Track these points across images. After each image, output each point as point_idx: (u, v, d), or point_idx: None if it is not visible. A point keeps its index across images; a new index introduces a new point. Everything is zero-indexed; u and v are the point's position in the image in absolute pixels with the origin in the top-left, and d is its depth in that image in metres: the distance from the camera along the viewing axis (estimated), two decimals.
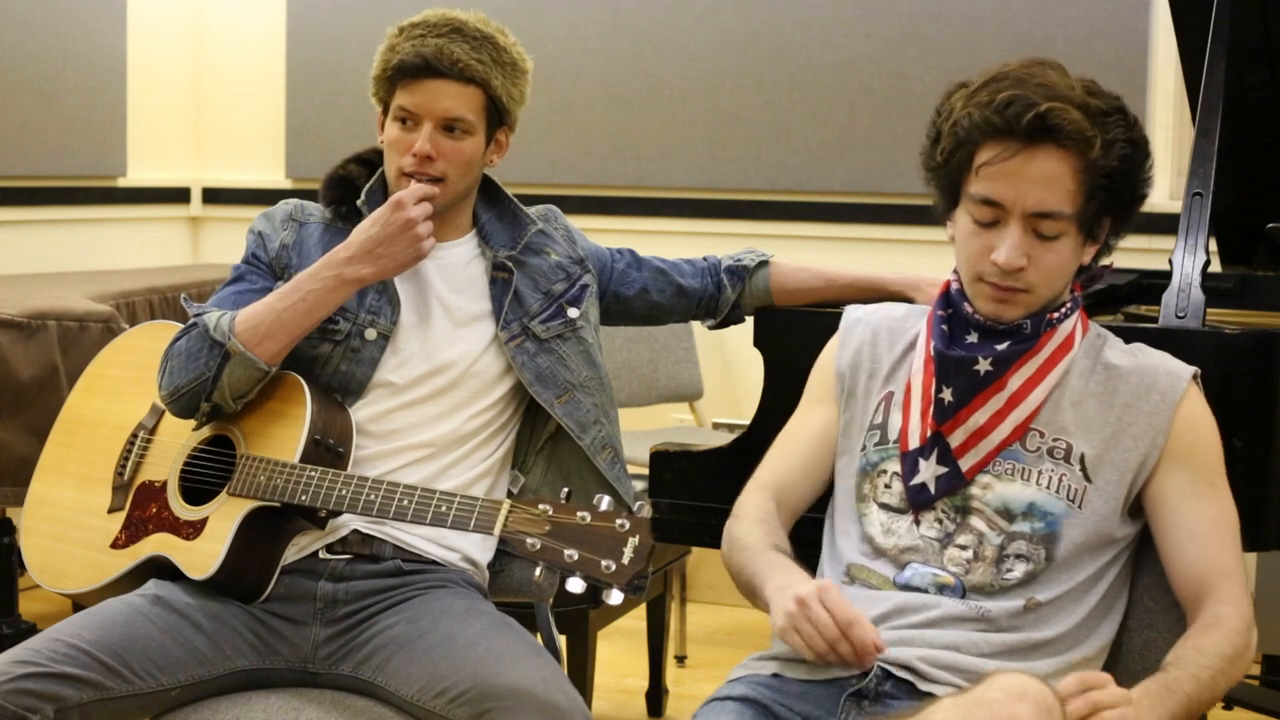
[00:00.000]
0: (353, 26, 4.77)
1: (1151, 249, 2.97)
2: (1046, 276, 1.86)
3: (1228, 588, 1.83)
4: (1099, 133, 1.81)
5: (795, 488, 2.04)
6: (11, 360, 3.18)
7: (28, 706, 1.92)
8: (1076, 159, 1.81)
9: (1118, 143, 1.82)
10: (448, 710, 1.97)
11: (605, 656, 3.52)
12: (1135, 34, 4.07)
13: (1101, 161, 1.81)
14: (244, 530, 2.11)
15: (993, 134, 1.82)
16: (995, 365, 1.89)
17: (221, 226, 5.05)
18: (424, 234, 2.14)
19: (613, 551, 1.87)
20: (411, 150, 2.19)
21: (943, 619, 1.85)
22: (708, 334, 2.67)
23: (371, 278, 2.15)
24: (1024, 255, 1.84)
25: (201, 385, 2.15)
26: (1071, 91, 1.82)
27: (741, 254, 2.50)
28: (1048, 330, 1.90)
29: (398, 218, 2.12)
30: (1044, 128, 1.80)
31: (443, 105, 2.19)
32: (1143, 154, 1.87)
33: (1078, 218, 1.84)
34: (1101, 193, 1.83)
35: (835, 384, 2.05)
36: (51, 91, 4.43)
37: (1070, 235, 1.85)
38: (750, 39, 4.44)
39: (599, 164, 4.62)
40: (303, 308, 2.13)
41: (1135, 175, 1.87)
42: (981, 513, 1.88)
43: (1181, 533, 1.87)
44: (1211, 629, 1.81)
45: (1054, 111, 1.79)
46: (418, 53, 2.19)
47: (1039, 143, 1.81)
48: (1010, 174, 1.82)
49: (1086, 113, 1.81)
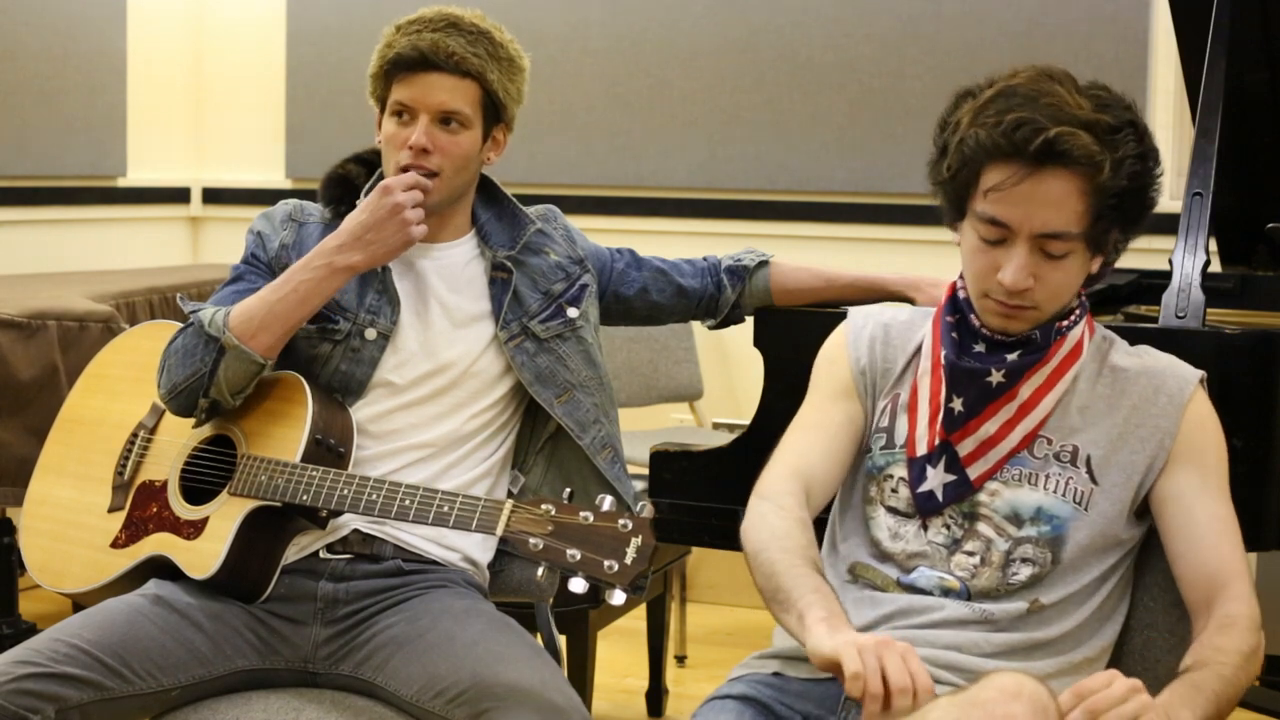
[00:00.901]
0: (353, 26, 4.77)
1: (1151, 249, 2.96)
2: (1053, 294, 1.85)
3: (1239, 585, 1.82)
4: (1108, 154, 1.77)
5: (822, 478, 1.96)
6: (11, 360, 3.18)
7: (28, 707, 1.91)
8: (1085, 181, 1.78)
9: (1128, 159, 1.79)
10: (447, 710, 1.97)
11: (605, 656, 3.52)
12: (1135, 34, 4.07)
13: (1111, 183, 1.78)
14: (245, 530, 2.11)
15: (1000, 156, 1.79)
16: (1007, 376, 1.88)
17: (221, 226, 5.05)
18: (412, 219, 2.13)
19: (615, 552, 1.87)
20: (408, 144, 2.19)
21: (946, 621, 1.84)
22: (708, 334, 2.66)
23: (362, 265, 2.15)
24: (1030, 276, 1.81)
25: (199, 381, 2.15)
26: (1080, 111, 1.78)
27: (741, 254, 2.50)
28: (1058, 339, 1.89)
29: (385, 203, 2.13)
30: (1052, 153, 1.76)
31: (438, 98, 2.20)
32: (1153, 165, 1.84)
33: (1086, 236, 1.81)
34: (1111, 211, 1.80)
35: (857, 381, 2.00)
36: (51, 91, 4.42)
37: (1078, 253, 1.83)
38: (750, 39, 4.44)
39: (599, 164, 4.62)
40: (295, 298, 2.13)
41: (1146, 189, 1.84)
42: (990, 519, 1.88)
43: (1194, 530, 1.85)
44: (1227, 629, 1.79)
45: (1063, 136, 1.75)
46: (413, 46, 2.19)
47: (1047, 166, 1.77)
48: (1018, 198, 1.79)
49: (1095, 133, 1.77)
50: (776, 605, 1.80)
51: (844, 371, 2.02)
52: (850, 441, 1.98)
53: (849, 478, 2.00)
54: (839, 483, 1.99)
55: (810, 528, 1.89)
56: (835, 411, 2.00)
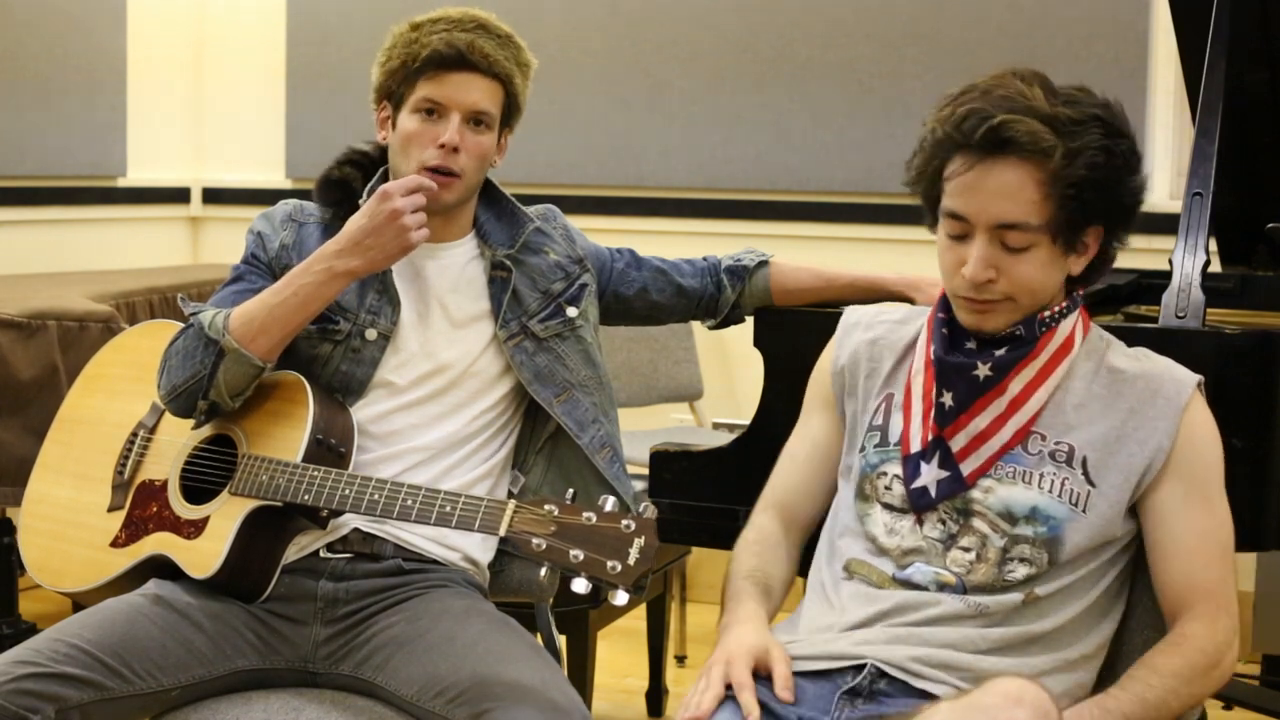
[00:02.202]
0: (353, 26, 4.77)
1: (1151, 249, 2.96)
2: (1021, 287, 1.85)
3: (1204, 605, 1.83)
4: (1061, 142, 1.78)
5: (800, 507, 2.07)
6: (11, 360, 3.18)
7: (28, 706, 1.91)
8: (1038, 170, 1.79)
9: (1087, 150, 1.79)
10: (447, 710, 1.97)
11: (605, 656, 3.52)
12: (1135, 34, 4.06)
13: (1066, 171, 1.78)
14: (246, 529, 2.11)
15: (953, 149, 1.83)
16: (995, 371, 1.89)
17: (221, 226, 5.04)
18: (411, 225, 2.12)
19: (618, 552, 1.87)
20: (438, 142, 2.18)
21: (942, 617, 1.85)
22: (708, 334, 2.66)
23: (362, 270, 2.14)
24: (990, 268, 1.83)
25: (198, 383, 2.15)
26: (1035, 102, 1.80)
27: (741, 254, 2.50)
28: (1045, 333, 1.89)
29: (384, 208, 2.11)
30: (998, 140, 1.79)
31: (471, 97, 2.20)
32: (1122, 161, 1.83)
33: (1048, 228, 1.81)
34: (1071, 202, 1.80)
35: (832, 384, 2.05)
36: (51, 91, 4.42)
37: (1042, 246, 1.83)
38: (750, 39, 4.44)
39: (599, 164, 4.62)
40: (295, 302, 2.13)
41: (1113, 184, 1.83)
42: (984, 515, 1.88)
43: (1168, 546, 1.86)
44: (1173, 647, 1.82)
45: (1008, 124, 1.78)
46: (450, 44, 2.19)
47: (996, 155, 1.80)
48: (970, 187, 1.82)
49: (1049, 122, 1.78)
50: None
51: (824, 379, 2.07)
52: (824, 464, 2.06)
53: (844, 476, 2.01)
54: (822, 506, 2.05)
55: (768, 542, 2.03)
56: (811, 431, 2.08)
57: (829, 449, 2.05)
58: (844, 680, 1.82)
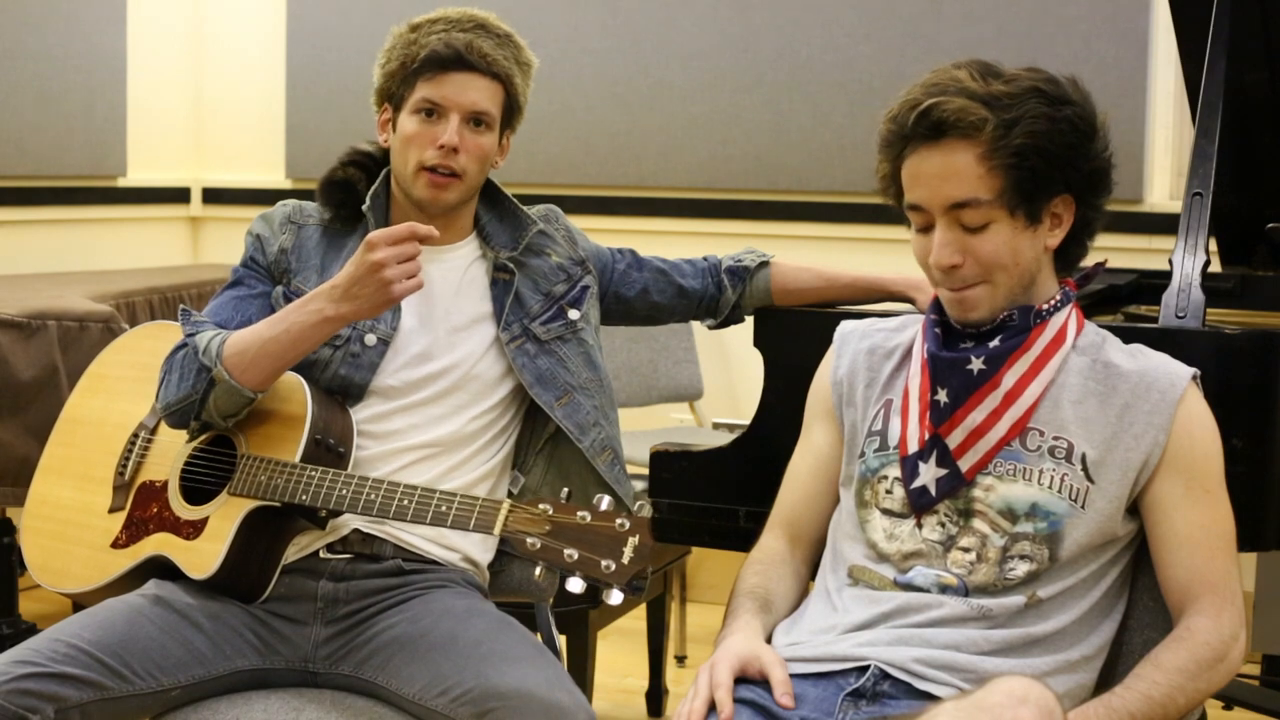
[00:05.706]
0: (353, 26, 4.77)
1: (1151, 249, 2.97)
2: (989, 265, 1.85)
3: (1209, 598, 1.83)
4: (993, 115, 1.80)
5: (806, 521, 2.07)
6: (11, 360, 3.18)
7: (28, 706, 1.92)
8: (976, 145, 1.81)
9: (1025, 119, 1.80)
10: (450, 710, 1.97)
11: (605, 656, 3.52)
12: (1135, 34, 4.06)
13: (1003, 142, 1.80)
14: (245, 530, 2.11)
15: (900, 144, 1.86)
16: (988, 363, 1.89)
17: (221, 226, 5.05)
18: (393, 278, 2.05)
19: (612, 551, 1.87)
20: (437, 143, 2.18)
21: (944, 619, 1.85)
22: (708, 334, 2.67)
23: (350, 316, 2.10)
24: (956, 252, 1.85)
25: (190, 405, 2.15)
26: (965, 82, 1.82)
27: (742, 254, 2.50)
28: (1039, 324, 1.90)
29: (367, 259, 2.06)
30: (931, 124, 1.82)
31: (470, 98, 2.20)
32: (1068, 127, 1.83)
33: (1002, 201, 1.83)
34: (1016, 171, 1.81)
35: (832, 394, 2.05)
36: (51, 91, 4.43)
37: (1002, 220, 1.84)
38: (750, 39, 4.44)
39: (599, 164, 4.62)
40: (287, 340, 2.11)
41: (1064, 150, 1.83)
42: (984, 515, 1.88)
43: (1170, 541, 1.86)
44: (1177, 642, 1.81)
45: (934, 106, 1.81)
46: (448, 44, 2.19)
47: (935, 140, 1.83)
48: (917, 175, 1.86)
49: (978, 99, 1.81)
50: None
51: (824, 390, 2.08)
52: (825, 479, 2.06)
53: (845, 484, 2.01)
54: (826, 521, 2.05)
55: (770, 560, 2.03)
56: (811, 445, 2.08)
57: (831, 461, 2.05)
58: (847, 682, 1.82)
